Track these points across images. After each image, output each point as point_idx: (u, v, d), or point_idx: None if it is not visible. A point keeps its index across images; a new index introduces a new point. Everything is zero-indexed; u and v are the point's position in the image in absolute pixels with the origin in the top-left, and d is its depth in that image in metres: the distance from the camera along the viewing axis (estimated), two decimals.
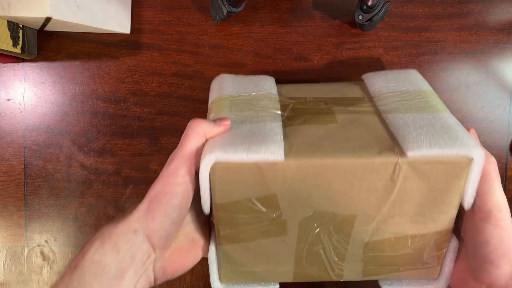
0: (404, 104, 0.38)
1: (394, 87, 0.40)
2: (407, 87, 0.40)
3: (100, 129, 0.49)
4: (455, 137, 0.33)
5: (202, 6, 0.48)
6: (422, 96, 0.38)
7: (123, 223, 0.30)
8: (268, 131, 0.35)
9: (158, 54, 0.49)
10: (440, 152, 0.32)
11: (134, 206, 0.32)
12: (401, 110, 0.37)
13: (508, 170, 0.48)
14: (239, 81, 0.42)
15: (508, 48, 0.48)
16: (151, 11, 0.48)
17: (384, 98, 0.39)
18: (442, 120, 0.35)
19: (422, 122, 0.35)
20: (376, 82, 0.42)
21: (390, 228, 0.35)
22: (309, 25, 0.48)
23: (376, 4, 0.41)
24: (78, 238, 0.50)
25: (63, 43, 0.49)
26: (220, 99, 0.40)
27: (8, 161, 0.49)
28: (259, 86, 0.41)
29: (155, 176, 0.49)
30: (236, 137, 0.34)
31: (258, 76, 0.43)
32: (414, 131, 0.34)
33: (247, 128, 0.35)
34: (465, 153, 0.32)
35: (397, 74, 0.42)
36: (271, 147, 0.33)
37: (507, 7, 0.47)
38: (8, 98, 0.49)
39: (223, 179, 0.32)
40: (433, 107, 0.37)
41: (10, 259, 0.50)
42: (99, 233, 0.30)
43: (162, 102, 0.49)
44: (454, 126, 0.34)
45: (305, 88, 0.43)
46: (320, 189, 0.34)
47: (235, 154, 0.32)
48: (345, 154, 0.33)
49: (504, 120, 0.48)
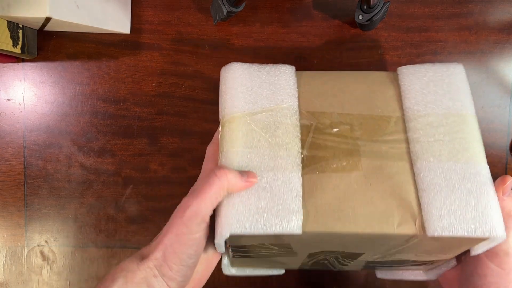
0: (439, 142, 0.35)
1: (433, 101, 0.36)
2: (447, 106, 0.36)
3: (100, 129, 0.49)
4: (483, 214, 0.32)
5: (202, 6, 0.48)
6: (462, 128, 0.36)
7: (144, 265, 0.31)
8: (287, 193, 0.34)
9: (158, 54, 0.49)
10: (463, 235, 0.32)
11: (149, 243, 0.33)
12: (434, 152, 0.35)
13: (508, 170, 0.48)
14: (255, 79, 0.38)
15: (508, 48, 0.48)
16: (151, 11, 0.48)
17: (418, 124, 0.36)
18: (476, 180, 0.33)
19: (453, 181, 0.33)
20: (412, 86, 0.37)
21: (395, 257, 0.38)
22: (309, 25, 0.48)
23: (376, 4, 0.41)
24: (78, 238, 0.50)
25: (63, 43, 0.49)
26: (233, 118, 0.37)
27: (8, 161, 0.49)
28: (278, 92, 0.38)
29: (155, 176, 0.49)
30: (252, 206, 0.33)
31: (277, 69, 0.39)
32: (441, 204, 0.33)
33: (265, 192, 0.34)
34: (488, 235, 0.31)
35: (439, 75, 0.37)
36: (289, 223, 0.32)
37: (507, 7, 0.47)
38: (8, 98, 0.49)
39: (238, 239, 0.34)
40: (470, 152, 0.35)
41: (10, 259, 0.50)
42: (120, 269, 0.31)
43: (162, 102, 0.49)
44: (485, 193, 0.33)
45: (330, 88, 0.38)
46: (334, 243, 0.35)
47: (252, 229, 0.32)
48: (365, 226, 0.33)
49: (504, 120, 0.48)
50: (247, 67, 0.38)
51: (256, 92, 0.37)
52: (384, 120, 0.37)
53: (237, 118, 0.37)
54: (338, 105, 0.37)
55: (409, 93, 0.37)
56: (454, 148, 0.35)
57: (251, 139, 0.36)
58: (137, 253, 0.32)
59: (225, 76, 0.38)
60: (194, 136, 0.49)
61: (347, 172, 0.35)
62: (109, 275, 0.31)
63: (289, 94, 0.38)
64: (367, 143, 0.36)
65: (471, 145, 0.35)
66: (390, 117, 0.37)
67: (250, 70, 0.38)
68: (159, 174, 0.49)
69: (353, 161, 0.35)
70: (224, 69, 0.39)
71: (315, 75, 0.39)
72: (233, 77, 0.38)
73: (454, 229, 0.32)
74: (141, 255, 0.32)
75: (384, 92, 0.38)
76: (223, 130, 0.37)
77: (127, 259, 0.32)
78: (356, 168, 0.35)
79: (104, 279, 0.31)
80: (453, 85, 0.37)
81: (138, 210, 0.49)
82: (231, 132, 0.36)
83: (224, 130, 0.37)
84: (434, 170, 0.34)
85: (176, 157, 0.49)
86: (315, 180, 0.35)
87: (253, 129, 0.36)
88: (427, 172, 0.34)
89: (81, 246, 0.50)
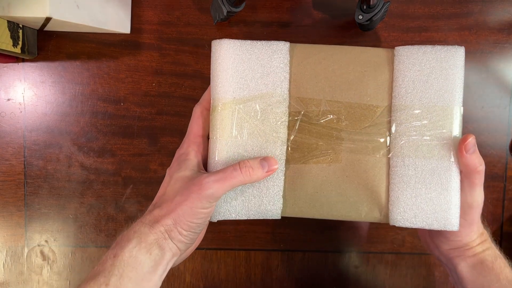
0: (420, 138, 0.37)
1: (422, 92, 0.37)
2: (435, 98, 0.37)
3: (100, 129, 0.49)
4: (443, 209, 0.37)
5: (202, 6, 0.48)
6: (445, 123, 0.37)
7: (155, 229, 0.34)
8: (270, 183, 0.38)
9: (158, 54, 0.49)
10: (421, 227, 0.37)
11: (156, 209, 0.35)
12: (413, 149, 0.37)
13: (508, 170, 0.48)
14: (246, 60, 0.39)
15: (508, 48, 0.48)
16: (151, 11, 0.48)
17: (403, 115, 0.37)
18: (445, 175, 0.37)
19: (423, 176, 0.37)
20: (405, 73, 0.38)
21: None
22: (309, 25, 0.48)
23: (376, 4, 0.41)
24: (78, 238, 0.50)
25: (63, 43, 0.49)
26: (224, 105, 0.38)
27: (8, 161, 0.50)
28: (270, 74, 0.38)
29: (155, 176, 0.49)
30: (238, 195, 0.38)
31: (271, 47, 0.39)
32: (407, 198, 0.37)
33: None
34: (443, 228, 0.37)
35: (435, 60, 0.37)
36: (270, 212, 0.38)
37: (507, 7, 0.47)
38: (8, 98, 0.49)
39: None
40: (446, 148, 0.37)
41: (10, 259, 0.50)
42: (133, 231, 0.34)
43: (162, 102, 0.49)
44: (450, 188, 0.37)
45: (323, 69, 0.39)
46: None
47: (237, 216, 0.38)
48: (336, 214, 0.38)
49: (504, 120, 0.48)
50: (239, 45, 0.38)
51: (248, 75, 0.38)
52: (371, 109, 0.38)
53: (228, 105, 0.38)
54: (329, 91, 0.39)
55: (400, 82, 0.38)
56: (432, 144, 0.37)
57: (240, 128, 0.38)
58: (146, 218, 0.35)
59: (217, 53, 0.39)
60: None
61: (327, 163, 0.39)
62: (123, 236, 0.34)
63: (280, 78, 0.39)
64: (350, 135, 0.38)
65: (449, 141, 0.37)
66: (377, 107, 0.38)
67: (242, 49, 0.39)
68: (159, 174, 0.49)
69: (334, 154, 0.38)
70: (215, 44, 0.39)
71: (309, 52, 0.39)
72: (225, 57, 0.38)
73: (415, 222, 0.37)
74: (150, 220, 0.34)
75: (376, 77, 0.39)
76: (213, 114, 0.38)
77: (137, 223, 0.35)
78: (336, 160, 0.38)
79: (119, 239, 0.34)
80: (448, 72, 0.37)
81: (138, 210, 0.50)
82: (221, 119, 0.38)
83: (214, 115, 0.38)
84: (408, 166, 0.37)
85: None
86: (297, 170, 0.39)
87: (243, 117, 0.38)
88: (401, 168, 0.37)
89: (81, 246, 0.50)
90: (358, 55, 0.39)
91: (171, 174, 0.37)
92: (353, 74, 0.38)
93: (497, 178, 0.48)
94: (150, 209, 0.36)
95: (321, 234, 0.49)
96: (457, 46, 0.37)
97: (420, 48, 0.38)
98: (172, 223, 0.34)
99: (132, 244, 0.33)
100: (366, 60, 0.38)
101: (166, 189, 0.36)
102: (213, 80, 0.39)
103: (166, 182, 0.37)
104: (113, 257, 0.33)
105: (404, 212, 0.37)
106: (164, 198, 0.36)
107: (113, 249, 0.34)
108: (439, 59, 0.37)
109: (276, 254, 0.50)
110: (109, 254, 0.34)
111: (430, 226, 0.36)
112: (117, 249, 0.33)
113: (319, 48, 0.39)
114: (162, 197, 0.36)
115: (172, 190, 0.35)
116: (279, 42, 0.39)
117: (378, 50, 0.39)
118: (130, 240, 0.33)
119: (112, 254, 0.33)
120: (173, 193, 0.35)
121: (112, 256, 0.33)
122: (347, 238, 0.50)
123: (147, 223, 0.34)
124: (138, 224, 0.35)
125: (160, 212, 0.35)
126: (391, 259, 0.50)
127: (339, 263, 0.50)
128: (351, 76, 0.38)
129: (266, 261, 0.50)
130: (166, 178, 0.37)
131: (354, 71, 0.38)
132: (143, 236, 0.34)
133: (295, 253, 0.50)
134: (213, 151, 0.38)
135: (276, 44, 0.39)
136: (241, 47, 0.39)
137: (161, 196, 0.36)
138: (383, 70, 0.38)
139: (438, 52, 0.37)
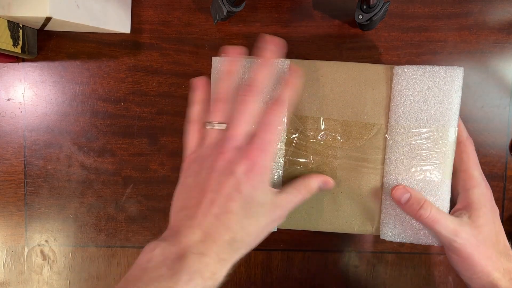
0: (414, 158, 0.38)
1: (420, 114, 0.38)
2: (432, 120, 0.37)
3: (100, 129, 0.49)
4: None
5: (202, 6, 0.48)
6: (440, 144, 0.38)
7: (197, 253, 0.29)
8: None
9: (158, 54, 0.49)
10: (409, 242, 0.39)
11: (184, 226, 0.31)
12: (407, 168, 0.38)
13: (508, 170, 0.48)
14: (245, 78, 0.39)
15: (508, 48, 0.48)
16: (151, 11, 0.48)
17: (398, 135, 0.38)
18: (436, 194, 0.38)
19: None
20: (403, 93, 0.38)
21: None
22: (309, 25, 0.48)
23: (376, 4, 0.41)
24: (78, 237, 0.50)
25: (63, 43, 0.49)
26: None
27: (8, 161, 0.50)
28: (268, 94, 0.38)
29: (155, 175, 0.49)
30: None
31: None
32: (397, 215, 0.39)
33: None
34: (430, 244, 0.39)
35: (434, 82, 0.38)
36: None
37: (507, 7, 0.47)
38: (8, 98, 0.49)
39: None
40: (441, 170, 0.38)
41: (10, 259, 0.51)
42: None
43: (162, 102, 0.49)
44: (441, 208, 0.38)
45: (321, 87, 0.39)
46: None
47: None
48: (329, 227, 0.40)
49: (504, 120, 0.48)
50: (239, 63, 0.39)
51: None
52: (367, 128, 0.39)
53: None
54: (326, 109, 0.39)
55: (398, 101, 0.38)
56: (425, 163, 0.38)
57: None
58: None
59: (217, 70, 0.39)
60: None
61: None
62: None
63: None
64: (346, 152, 0.39)
65: (443, 162, 0.38)
66: (374, 125, 0.39)
67: (242, 66, 0.39)
68: (159, 174, 0.49)
69: (329, 170, 0.40)
70: (215, 61, 0.40)
71: (308, 68, 0.40)
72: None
73: (403, 237, 0.39)
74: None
75: (374, 95, 0.39)
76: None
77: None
78: (331, 176, 0.39)
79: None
80: (446, 93, 0.38)
81: (138, 209, 0.50)
82: None
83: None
84: (401, 184, 0.38)
85: (176, 157, 0.49)
86: None
87: None
88: (394, 185, 0.38)
89: (81, 246, 0.50)
90: (356, 72, 0.39)
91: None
92: (351, 92, 0.39)
93: (497, 178, 0.48)
94: None
95: (321, 234, 0.49)
96: (456, 67, 0.38)
97: (419, 68, 0.38)
98: (201, 238, 0.31)
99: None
100: (364, 78, 0.39)
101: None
102: (212, 98, 0.39)
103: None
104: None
105: (394, 228, 0.39)
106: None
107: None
108: (437, 80, 0.38)
109: (276, 254, 0.50)
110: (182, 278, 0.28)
111: (418, 241, 0.38)
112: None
113: (318, 64, 0.40)
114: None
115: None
116: (279, 60, 0.39)
117: (377, 67, 0.39)
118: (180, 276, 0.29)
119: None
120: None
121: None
122: (347, 238, 0.50)
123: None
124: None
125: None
126: (391, 259, 0.50)
127: (339, 263, 0.50)
128: (349, 94, 0.39)
129: (266, 261, 0.50)
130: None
131: (352, 89, 0.39)
132: None
133: (295, 253, 0.50)
134: None
135: (276, 61, 0.39)
136: (241, 64, 0.39)
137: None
138: (381, 89, 0.39)
139: (437, 73, 0.38)
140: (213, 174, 0.32)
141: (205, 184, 0.32)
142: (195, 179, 0.33)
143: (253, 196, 0.31)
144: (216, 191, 0.31)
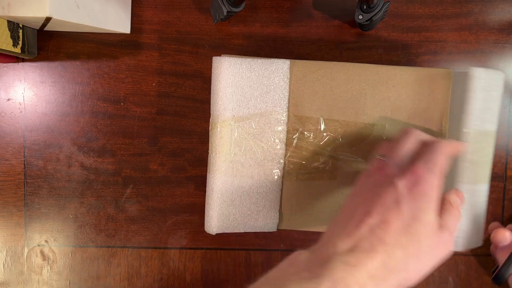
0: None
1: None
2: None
3: (100, 129, 0.49)
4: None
5: (202, 6, 0.48)
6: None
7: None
8: (267, 198, 0.40)
9: (158, 54, 0.49)
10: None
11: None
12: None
13: (508, 170, 0.48)
14: (246, 78, 0.39)
15: (508, 48, 0.48)
16: (151, 11, 0.48)
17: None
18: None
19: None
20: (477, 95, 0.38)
21: None
22: (309, 25, 0.48)
23: (376, 4, 0.41)
24: (78, 237, 0.50)
25: (63, 43, 0.49)
26: (223, 122, 0.39)
27: (8, 161, 0.50)
28: (269, 92, 0.39)
29: (155, 175, 0.49)
30: (236, 210, 0.40)
31: (271, 65, 0.39)
32: None
33: (249, 197, 0.40)
34: None
35: (485, 83, 0.37)
36: (267, 226, 0.40)
37: (507, 7, 0.47)
38: (8, 98, 0.49)
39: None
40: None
41: (10, 259, 0.50)
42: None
43: (162, 102, 0.49)
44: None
45: (321, 87, 0.39)
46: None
47: (235, 230, 0.40)
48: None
49: (504, 120, 0.48)
50: (240, 63, 0.39)
51: (247, 93, 0.39)
52: (367, 128, 0.39)
53: (227, 123, 0.39)
54: (326, 109, 0.39)
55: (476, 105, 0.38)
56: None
57: (238, 145, 0.39)
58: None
59: (217, 70, 0.39)
60: (194, 136, 0.49)
61: (323, 180, 0.40)
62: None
63: (280, 96, 0.39)
64: (346, 152, 0.39)
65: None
66: (373, 125, 0.39)
67: (243, 66, 0.39)
68: (159, 174, 0.49)
69: (329, 171, 0.39)
70: (216, 61, 0.40)
71: (309, 69, 0.40)
72: (225, 74, 0.39)
73: None
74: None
75: (374, 95, 0.39)
76: (212, 131, 0.39)
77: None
78: (331, 177, 0.39)
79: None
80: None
81: (138, 210, 0.50)
82: (220, 137, 0.39)
83: (213, 132, 0.39)
84: None
85: (176, 157, 0.49)
86: (293, 186, 0.40)
87: (242, 135, 0.39)
88: None
89: (81, 246, 0.50)
90: (357, 73, 0.39)
91: None
92: (351, 92, 0.39)
93: (497, 178, 0.48)
94: None
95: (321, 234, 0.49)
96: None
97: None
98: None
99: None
100: (365, 78, 0.39)
101: None
102: (213, 97, 0.40)
103: None
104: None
105: None
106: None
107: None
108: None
109: (276, 254, 0.50)
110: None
111: None
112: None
113: (319, 65, 0.40)
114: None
115: None
116: (279, 60, 0.39)
117: (378, 67, 0.39)
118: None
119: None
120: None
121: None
122: None
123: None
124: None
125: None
126: None
127: None
128: (349, 95, 0.39)
129: (266, 261, 0.50)
130: None
131: (352, 90, 0.39)
132: None
133: None
134: (212, 167, 0.39)
135: (276, 62, 0.39)
136: (242, 65, 0.39)
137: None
138: (381, 89, 0.39)
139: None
140: (371, 187, 0.31)
141: (362, 197, 0.31)
142: (351, 198, 0.32)
143: (415, 212, 0.28)
144: (372, 202, 0.29)
